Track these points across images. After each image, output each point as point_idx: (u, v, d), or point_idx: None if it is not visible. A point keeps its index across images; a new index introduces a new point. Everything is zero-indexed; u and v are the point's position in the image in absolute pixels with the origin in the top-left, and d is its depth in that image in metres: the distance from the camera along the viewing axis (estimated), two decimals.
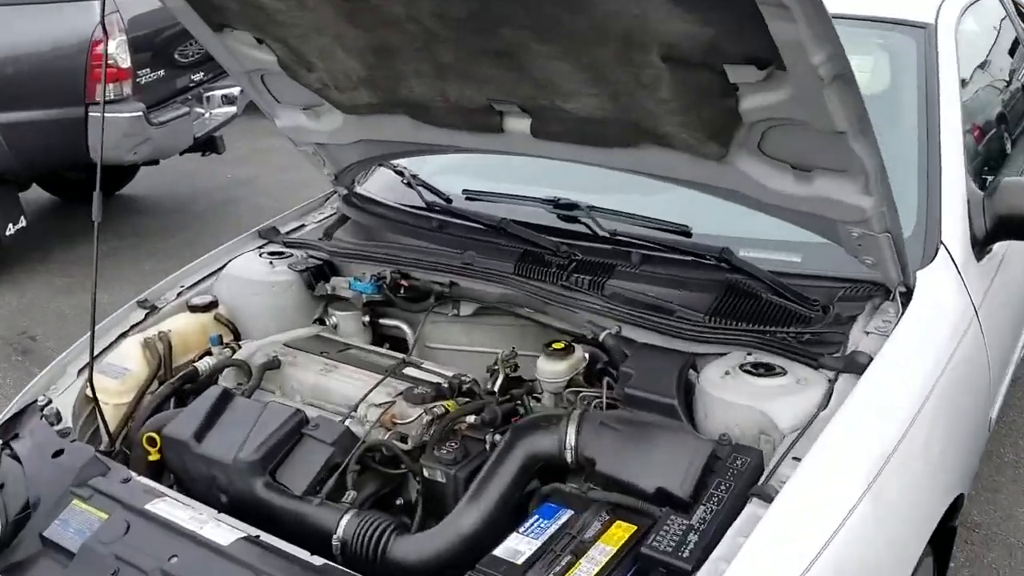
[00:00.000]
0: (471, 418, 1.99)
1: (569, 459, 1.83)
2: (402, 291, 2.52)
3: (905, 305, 2.06)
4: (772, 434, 1.81)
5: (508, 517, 1.78)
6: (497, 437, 1.93)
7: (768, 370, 1.92)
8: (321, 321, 2.58)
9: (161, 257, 5.38)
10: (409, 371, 2.23)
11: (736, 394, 1.86)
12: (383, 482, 1.99)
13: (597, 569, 1.57)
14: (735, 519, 1.60)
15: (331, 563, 1.67)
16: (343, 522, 1.77)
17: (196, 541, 1.70)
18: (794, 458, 1.70)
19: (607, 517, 1.70)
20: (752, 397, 1.85)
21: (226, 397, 2.06)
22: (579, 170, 2.26)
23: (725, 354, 2.02)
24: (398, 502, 2.01)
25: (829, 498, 1.66)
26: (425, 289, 2.48)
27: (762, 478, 1.68)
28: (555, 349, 2.14)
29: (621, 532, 1.67)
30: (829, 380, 1.89)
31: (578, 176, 2.44)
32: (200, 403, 2.05)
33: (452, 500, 1.86)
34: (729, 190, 2.02)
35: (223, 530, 1.73)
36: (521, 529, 1.69)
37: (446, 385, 2.11)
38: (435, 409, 2.01)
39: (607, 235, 2.37)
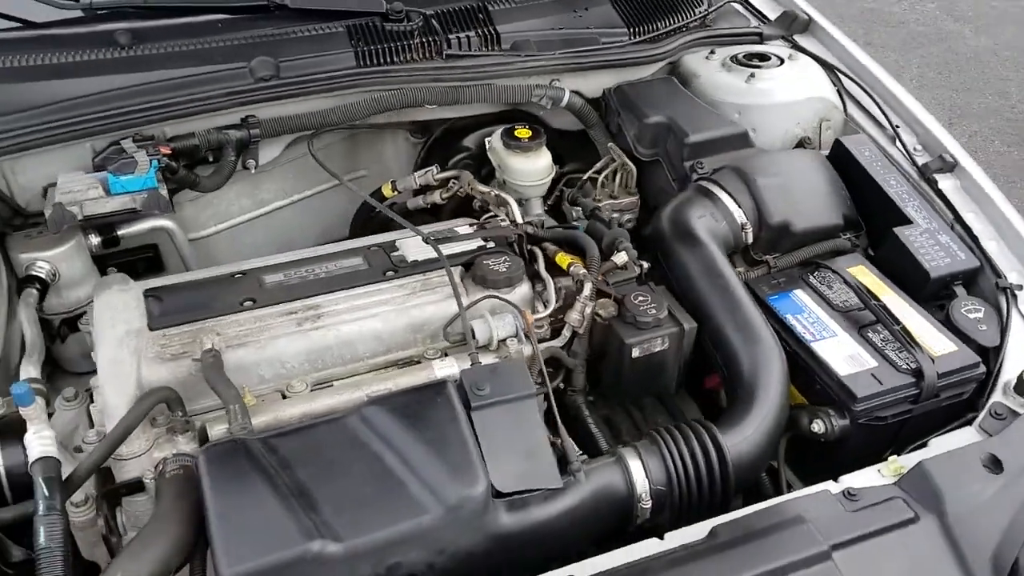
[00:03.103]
0: (619, 257, 1.40)
1: (750, 237, 1.47)
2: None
3: None
4: (833, 117, 1.69)
5: None
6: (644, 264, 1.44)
7: (762, 58, 1.74)
8: (40, 282, 1.41)
9: None
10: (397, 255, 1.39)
11: (793, 90, 1.67)
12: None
13: (919, 317, 1.38)
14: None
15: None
16: (635, 463, 1.18)
17: None
18: (896, 126, 1.66)
19: (846, 267, 1.46)
20: (809, 85, 1.68)
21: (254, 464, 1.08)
22: None
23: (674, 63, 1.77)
24: None
25: None
26: (210, 144, 1.51)
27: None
28: (524, 139, 1.58)
29: (867, 275, 1.46)
30: (791, 45, 1.82)
31: None
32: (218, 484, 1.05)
33: (674, 366, 1.38)
34: None
35: None
36: (807, 336, 1.35)
37: (499, 241, 1.42)
38: (572, 273, 1.36)
39: None
